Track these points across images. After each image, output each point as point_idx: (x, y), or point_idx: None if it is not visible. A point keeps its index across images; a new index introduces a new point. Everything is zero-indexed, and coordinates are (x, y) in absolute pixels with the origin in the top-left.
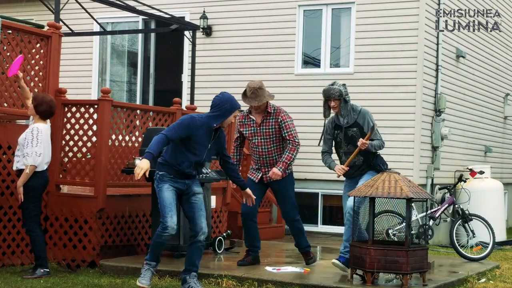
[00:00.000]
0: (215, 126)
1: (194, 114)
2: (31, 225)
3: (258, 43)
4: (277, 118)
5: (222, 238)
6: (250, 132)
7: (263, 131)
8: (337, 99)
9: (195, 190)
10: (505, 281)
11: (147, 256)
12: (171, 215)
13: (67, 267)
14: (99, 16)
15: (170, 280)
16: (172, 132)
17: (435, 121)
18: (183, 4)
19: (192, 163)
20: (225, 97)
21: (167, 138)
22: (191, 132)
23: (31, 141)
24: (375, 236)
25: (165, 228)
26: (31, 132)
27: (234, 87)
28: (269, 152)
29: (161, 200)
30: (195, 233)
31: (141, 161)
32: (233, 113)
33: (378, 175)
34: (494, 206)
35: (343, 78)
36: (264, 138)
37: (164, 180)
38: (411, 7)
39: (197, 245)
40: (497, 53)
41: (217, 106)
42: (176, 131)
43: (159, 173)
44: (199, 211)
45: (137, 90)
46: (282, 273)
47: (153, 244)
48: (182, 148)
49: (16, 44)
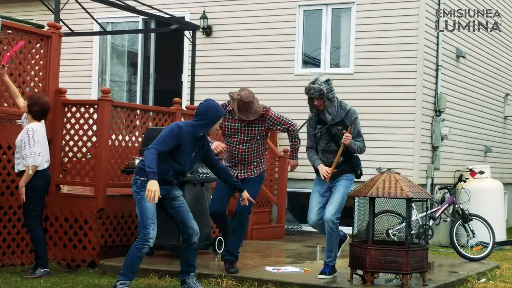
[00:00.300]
0: (201, 134)
1: (179, 122)
2: (32, 225)
3: (258, 43)
4: (265, 117)
5: (222, 238)
6: (233, 128)
7: (249, 129)
8: (319, 98)
9: (175, 194)
10: (505, 281)
11: (121, 276)
12: (153, 227)
13: (67, 267)
14: (99, 16)
15: (170, 280)
16: (162, 146)
17: (435, 121)
18: (183, 4)
19: (176, 172)
20: (210, 105)
21: (160, 153)
22: (180, 141)
23: (28, 142)
24: (375, 236)
25: (146, 241)
26: (26, 133)
27: (234, 87)
28: (249, 150)
29: (143, 210)
30: (188, 236)
31: (150, 184)
32: (218, 121)
33: (378, 175)
34: (494, 206)
35: (343, 78)
36: (248, 136)
37: (146, 187)
38: (411, 7)
39: (193, 247)
40: (497, 53)
41: (202, 114)
42: (167, 143)
43: (140, 179)
44: (187, 213)
45: (137, 90)
46: (282, 273)
47: (130, 260)
48: (167, 157)
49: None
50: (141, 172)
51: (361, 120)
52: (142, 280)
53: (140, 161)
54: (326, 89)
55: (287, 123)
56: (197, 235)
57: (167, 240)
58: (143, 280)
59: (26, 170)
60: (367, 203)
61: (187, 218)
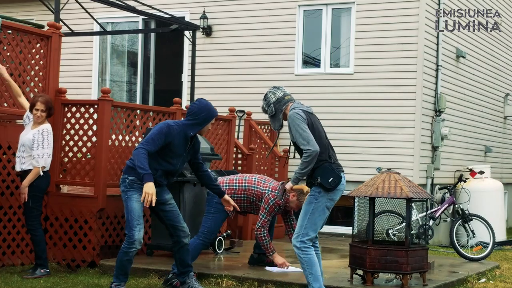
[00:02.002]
0: (192, 134)
1: (169, 121)
2: (33, 225)
3: (258, 43)
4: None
5: (222, 238)
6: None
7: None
8: (266, 114)
9: (166, 197)
10: (505, 281)
11: (114, 278)
12: (139, 228)
13: (67, 267)
14: (99, 16)
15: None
16: (151, 145)
17: (435, 121)
18: (183, 4)
19: (165, 172)
20: (202, 105)
21: (149, 153)
22: (170, 139)
23: (41, 143)
24: (375, 236)
25: (132, 243)
26: (41, 134)
27: (234, 87)
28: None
29: (130, 211)
30: (178, 238)
31: (147, 187)
32: (210, 122)
33: (378, 175)
34: (494, 206)
35: (343, 78)
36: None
37: (134, 187)
38: (411, 7)
39: (185, 248)
40: (497, 53)
41: (193, 114)
42: (156, 142)
43: (129, 178)
44: (177, 216)
45: (137, 90)
46: (282, 273)
47: (119, 263)
48: (157, 157)
49: (16, 44)
50: (129, 171)
51: (361, 120)
52: (142, 280)
53: (130, 159)
54: (263, 106)
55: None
56: (187, 236)
57: (167, 240)
58: (143, 280)
59: (34, 170)
60: (367, 203)
61: (178, 221)
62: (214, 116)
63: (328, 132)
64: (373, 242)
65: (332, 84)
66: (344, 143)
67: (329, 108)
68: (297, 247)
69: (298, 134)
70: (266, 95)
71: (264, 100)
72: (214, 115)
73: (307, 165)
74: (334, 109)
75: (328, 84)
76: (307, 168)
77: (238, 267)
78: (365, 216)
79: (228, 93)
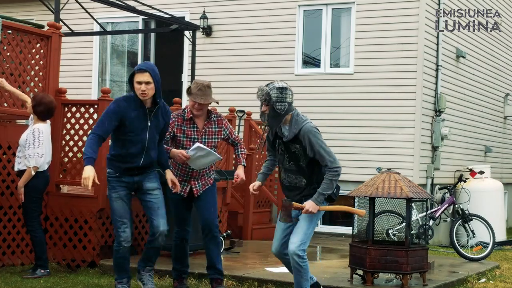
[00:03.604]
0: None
1: (118, 97)
2: (33, 225)
3: (258, 43)
4: (221, 126)
5: (222, 238)
6: (189, 140)
7: (205, 140)
8: (266, 104)
9: (147, 186)
10: (505, 281)
11: (116, 276)
12: (123, 228)
13: (67, 267)
14: (99, 16)
15: (170, 280)
16: (101, 128)
17: (435, 121)
18: (183, 4)
19: (134, 153)
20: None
21: (100, 136)
22: (121, 115)
23: (32, 142)
24: (375, 236)
25: (119, 243)
26: (32, 134)
27: (234, 87)
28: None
29: (112, 212)
30: (153, 234)
31: (85, 171)
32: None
33: (378, 175)
34: (494, 206)
35: (343, 78)
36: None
37: (111, 183)
38: (411, 7)
39: (156, 247)
40: (497, 53)
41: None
42: (105, 123)
43: (108, 170)
44: (156, 210)
45: None
46: (282, 273)
47: (115, 261)
48: (120, 139)
49: (16, 44)
50: (108, 163)
51: (361, 120)
52: None
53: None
54: (276, 97)
55: (239, 138)
56: (161, 236)
57: (167, 240)
58: None
59: (27, 170)
60: (367, 203)
61: (155, 215)
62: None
63: (328, 132)
64: (373, 242)
65: (332, 84)
66: (344, 143)
67: (329, 108)
68: (299, 255)
69: (322, 149)
70: (285, 89)
71: (280, 93)
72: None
73: (334, 184)
74: (334, 109)
75: (328, 84)
76: (334, 187)
77: (238, 267)
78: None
79: (228, 93)
